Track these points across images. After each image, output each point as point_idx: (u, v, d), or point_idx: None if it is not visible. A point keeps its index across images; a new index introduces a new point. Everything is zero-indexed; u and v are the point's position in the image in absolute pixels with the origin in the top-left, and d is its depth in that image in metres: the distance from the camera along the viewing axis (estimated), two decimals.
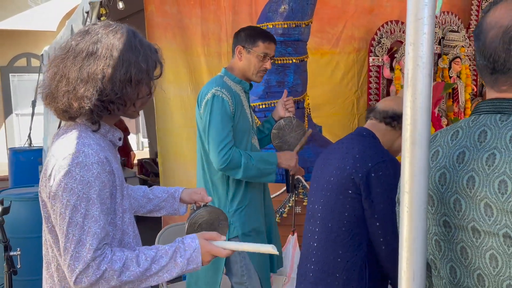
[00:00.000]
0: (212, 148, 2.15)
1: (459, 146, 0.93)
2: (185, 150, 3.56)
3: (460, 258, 0.91)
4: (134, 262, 1.21)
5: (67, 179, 1.17)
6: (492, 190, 0.84)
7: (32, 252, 2.36)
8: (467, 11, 4.81)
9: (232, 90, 2.20)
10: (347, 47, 4.30)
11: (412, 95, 0.79)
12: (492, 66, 0.89)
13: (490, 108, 0.91)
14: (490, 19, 0.89)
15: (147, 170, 6.05)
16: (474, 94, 4.78)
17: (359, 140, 1.68)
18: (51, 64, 1.26)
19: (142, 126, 10.08)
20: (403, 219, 0.81)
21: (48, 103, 1.26)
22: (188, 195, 1.59)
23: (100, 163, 1.19)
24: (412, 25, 0.78)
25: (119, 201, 1.26)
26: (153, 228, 3.09)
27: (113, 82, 1.20)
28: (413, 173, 0.79)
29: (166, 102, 3.52)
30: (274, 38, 2.31)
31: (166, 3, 3.50)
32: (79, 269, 1.16)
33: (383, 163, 1.57)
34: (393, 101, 1.77)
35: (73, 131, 1.24)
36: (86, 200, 1.17)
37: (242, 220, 2.22)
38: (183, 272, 1.26)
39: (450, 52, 4.51)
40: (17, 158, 5.74)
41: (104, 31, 1.24)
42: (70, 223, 1.17)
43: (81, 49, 1.21)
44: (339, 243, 1.62)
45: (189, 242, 1.28)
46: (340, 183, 1.62)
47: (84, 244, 1.16)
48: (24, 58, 8.90)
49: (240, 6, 3.70)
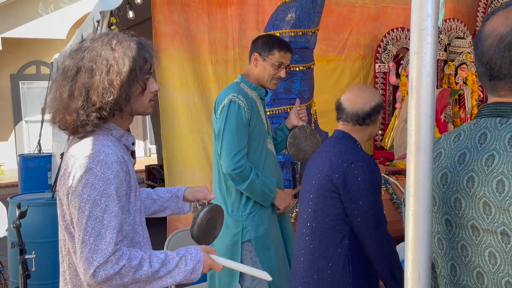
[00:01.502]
0: (224, 152, 2.17)
1: (460, 148, 0.96)
2: (192, 155, 3.59)
3: (461, 256, 0.94)
4: (147, 262, 1.25)
5: (89, 176, 1.21)
6: (491, 189, 0.87)
7: (43, 257, 2.40)
8: (473, 18, 4.83)
9: (248, 96, 2.23)
10: (353, 54, 4.33)
11: (416, 102, 0.82)
12: (489, 72, 0.92)
13: (490, 112, 0.94)
14: (487, 28, 0.92)
15: (155, 176, 6.09)
16: (481, 100, 4.78)
17: (335, 143, 1.79)
18: (51, 87, 1.35)
19: (150, 133, 10.15)
20: (408, 222, 0.84)
21: (53, 122, 1.34)
22: (191, 193, 1.62)
23: (119, 162, 1.24)
24: (416, 35, 0.81)
25: (132, 201, 1.31)
26: (158, 233, 3.12)
27: (97, 90, 1.25)
28: (418, 177, 0.82)
29: (172, 108, 3.56)
30: (290, 48, 2.34)
31: (174, 12, 3.55)
32: (98, 261, 1.19)
33: (357, 163, 1.67)
34: (360, 98, 1.81)
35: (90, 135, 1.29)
36: (106, 196, 1.21)
37: (256, 223, 2.24)
38: (184, 280, 1.30)
39: (456, 59, 4.52)
40: (27, 164, 5.81)
41: (90, 43, 1.31)
42: (90, 217, 1.20)
43: (71, 68, 1.29)
44: (323, 241, 1.72)
45: (195, 253, 1.34)
46: (321, 185, 1.73)
47: (103, 238, 1.20)
48: (34, 66, 9.02)
49: (247, 15, 3.75)
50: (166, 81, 3.52)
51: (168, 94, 3.56)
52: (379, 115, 1.83)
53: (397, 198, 3.09)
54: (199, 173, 3.62)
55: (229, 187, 2.26)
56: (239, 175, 2.15)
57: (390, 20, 4.41)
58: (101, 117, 1.27)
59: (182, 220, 3.54)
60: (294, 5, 3.08)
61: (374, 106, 1.79)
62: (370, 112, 1.78)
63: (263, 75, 2.28)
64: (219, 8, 3.70)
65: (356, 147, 1.77)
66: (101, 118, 1.27)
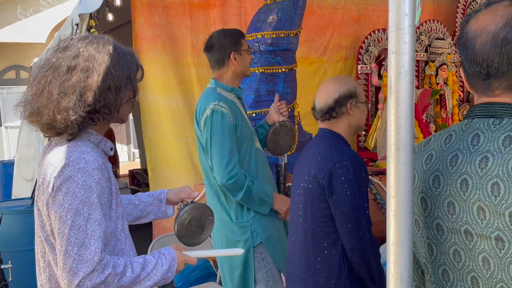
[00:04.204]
0: (216, 163, 2.11)
1: (452, 150, 0.93)
2: (176, 159, 3.56)
3: (453, 261, 0.91)
4: (130, 268, 1.24)
5: (69, 184, 1.18)
6: (485, 192, 0.84)
7: (22, 266, 2.34)
8: (452, 19, 4.91)
9: (228, 100, 2.19)
10: (335, 56, 4.36)
11: (395, 102, 0.81)
12: (485, 71, 0.90)
13: (483, 113, 0.92)
14: (474, 27, 0.91)
15: (139, 180, 6.02)
16: (461, 100, 4.86)
17: (320, 142, 1.76)
18: (33, 82, 1.29)
19: (133, 137, 10.05)
20: (389, 223, 0.83)
21: (33, 120, 1.27)
22: (174, 195, 1.59)
23: (100, 169, 1.22)
24: (393, 34, 0.80)
25: (114, 208, 1.28)
26: (145, 239, 3.08)
27: (94, 92, 1.22)
28: (398, 178, 0.81)
29: (155, 112, 3.52)
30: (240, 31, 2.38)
31: (155, 15, 3.52)
32: (83, 272, 1.16)
33: (342, 162, 1.64)
34: (323, 92, 1.79)
35: (68, 141, 1.25)
36: (88, 204, 1.18)
37: (263, 225, 2.20)
38: (161, 280, 1.30)
39: (437, 59, 4.59)
40: (7, 170, 5.68)
41: (83, 44, 1.27)
42: (73, 226, 1.17)
43: (61, 65, 1.24)
44: (316, 244, 1.69)
45: (167, 252, 1.34)
46: (309, 188, 1.70)
47: (88, 247, 1.17)
48: (13, 71, 8.86)
49: (229, 17, 3.74)
50: (148, 84, 3.48)
51: (151, 97, 3.52)
52: (346, 105, 1.73)
53: (381, 198, 3.10)
54: (184, 176, 3.59)
55: (228, 195, 2.20)
56: (234, 185, 2.10)
57: (371, 22, 4.45)
58: (92, 119, 1.24)
59: (167, 227, 3.50)
60: (275, 7, 3.08)
61: (338, 98, 1.72)
62: (333, 105, 1.73)
63: (246, 67, 2.28)
64: (201, 11, 3.68)
65: (340, 145, 1.73)
66: (92, 120, 1.25)
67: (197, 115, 2.22)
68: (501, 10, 0.88)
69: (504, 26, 0.87)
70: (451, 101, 4.67)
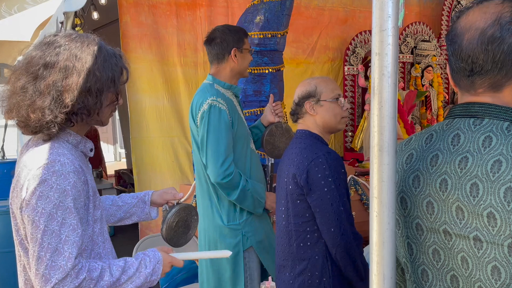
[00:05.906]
0: (211, 161, 2.06)
1: (432, 149, 0.93)
2: (161, 160, 3.54)
3: (432, 261, 0.92)
4: (108, 272, 1.21)
5: (43, 188, 1.14)
6: (464, 193, 0.84)
7: (4, 267, 2.30)
8: (438, 21, 4.96)
9: (226, 97, 2.14)
10: (322, 57, 4.38)
11: (378, 103, 0.81)
12: (470, 67, 0.89)
13: (464, 112, 0.92)
14: (464, 23, 0.91)
15: (125, 181, 5.97)
16: (446, 102, 4.91)
17: (297, 143, 1.78)
18: (11, 77, 1.24)
19: (120, 137, 9.96)
20: (372, 224, 0.83)
21: (10, 117, 1.24)
22: (159, 196, 1.56)
23: (76, 172, 1.18)
24: (377, 36, 0.81)
25: (91, 212, 1.25)
26: (131, 239, 3.06)
27: (72, 93, 1.18)
28: (381, 178, 0.82)
29: (141, 112, 3.49)
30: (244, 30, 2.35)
31: (141, 14, 3.50)
32: (56, 278, 1.13)
33: (317, 159, 1.65)
34: (295, 94, 1.85)
35: (44, 142, 1.22)
36: (62, 208, 1.15)
37: (254, 228, 2.17)
38: (145, 283, 1.27)
39: (422, 61, 4.63)
40: None
41: (66, 42, 1.22)
42: (46, 231, 1.14)
43: (41, 61, 1.20)
44: (300, 244, 1.69)
45: (153, 254, 1.31)
46: (289, 189, 1.72)
47: (61, 253, 1.14)
48: None
49: (216, 17, 3.73)
50: (133, 84, 3.46)
51: (136, 97, 3.49)
52: (305, 105, 1.76)
53: (367, 199, 3.12)
54: (169, 177, 3.56)
55: (221, 196, 2.15)
56: (229, 184, 2.06)
57: (358, 23, 4.48)
58: (69, 120, 1.20)
59: (152, 227, 3.48)
60: (262, 7, 3.08)
61: (297, 101, 1.80)
62: (294, 107, 1.82)
63: (245, 66, 2.24)
64: (187, 10, 3.66)
65: (316, 143, 1.74)
66: (69, 121, 1.21)
67: (193, 110, 2.16)
68: (492, 7, 0.88)
69: (493, 23, 0.87)
70: (436, 102, 4.73)
